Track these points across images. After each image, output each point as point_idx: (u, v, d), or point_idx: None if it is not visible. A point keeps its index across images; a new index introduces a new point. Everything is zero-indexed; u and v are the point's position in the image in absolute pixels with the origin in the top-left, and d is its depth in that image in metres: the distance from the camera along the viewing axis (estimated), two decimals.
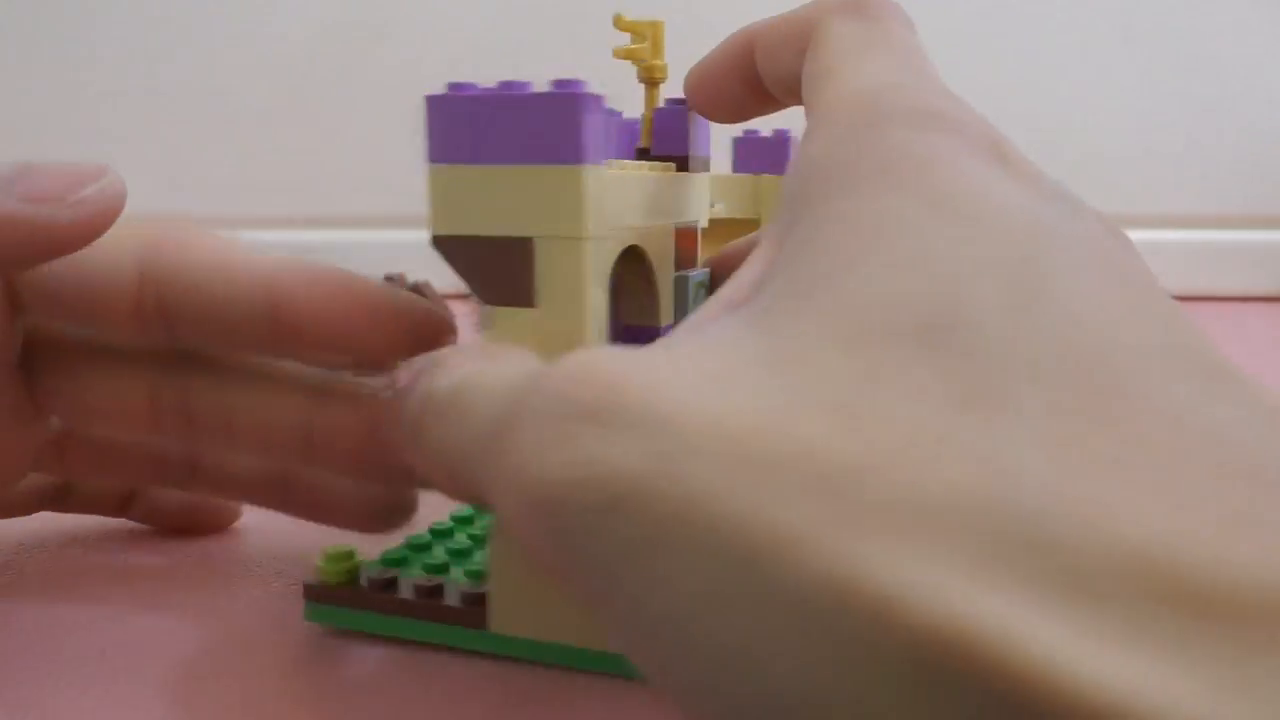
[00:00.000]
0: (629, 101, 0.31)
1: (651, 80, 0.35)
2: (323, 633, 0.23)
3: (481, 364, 0.18)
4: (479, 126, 0.20)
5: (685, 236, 0.26)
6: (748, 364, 0.13)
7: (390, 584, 0.23)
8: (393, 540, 0.25)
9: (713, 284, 0.26)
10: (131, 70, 0.93)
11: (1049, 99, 0.89)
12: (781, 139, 0.34)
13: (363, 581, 0.23)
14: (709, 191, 0.28)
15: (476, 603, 0.22)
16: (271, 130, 0.94)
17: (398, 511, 0.26)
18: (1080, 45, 0.90)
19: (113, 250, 0.23)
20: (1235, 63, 0.87)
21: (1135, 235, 0.17)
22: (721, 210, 0.32)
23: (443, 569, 0.23)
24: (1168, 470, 0.11)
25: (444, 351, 0.19)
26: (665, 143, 0.28)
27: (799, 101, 0.21)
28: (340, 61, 0.93)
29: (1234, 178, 0.81)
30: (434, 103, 0.21)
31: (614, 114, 0.33)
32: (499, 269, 0.21)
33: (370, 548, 0.24)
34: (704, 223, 0.27)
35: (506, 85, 0.20)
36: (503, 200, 0.20)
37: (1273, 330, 0.71)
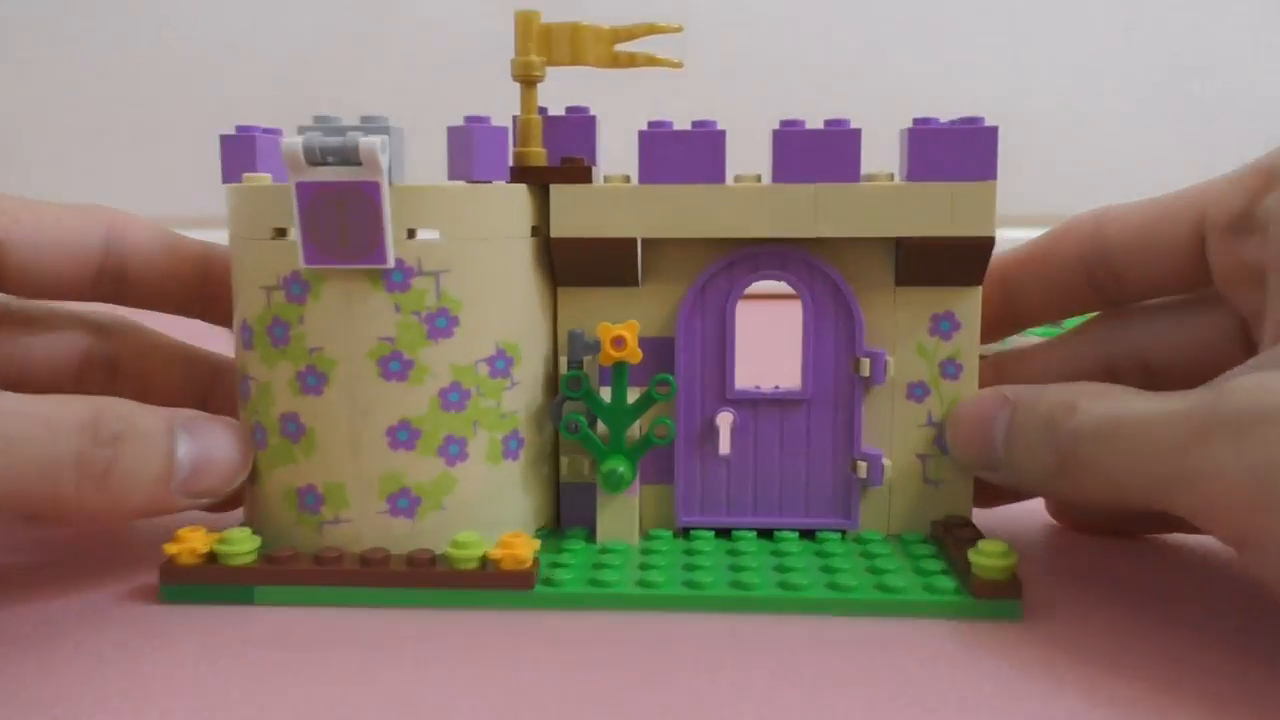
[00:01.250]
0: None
1: (529, 79, 0.30)
2: None
3: (1110, 400, 0.28)
4: None
5: None
6: None
7: None
8: None
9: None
10: (125, 71, 0.94)
11: (1049, 99, 0.84)
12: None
13: None
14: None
15: None
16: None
17: None
18: (1080, 45, 0.88)
19: (84, 227, 0.32)
20: (1235, 63, 0.88)
21: None
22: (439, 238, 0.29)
23: None
24: None
25: (1069, 394, 0.29)
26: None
27: (1172, 289, 0.32)
28: (335, 66, 0.90)
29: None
30: None
31: (482, 120, 0.28)
32: None
33: None
34: None
35: None
36: None
37: None
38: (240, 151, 0.32)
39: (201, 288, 0.35)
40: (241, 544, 0.29)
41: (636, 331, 0.31)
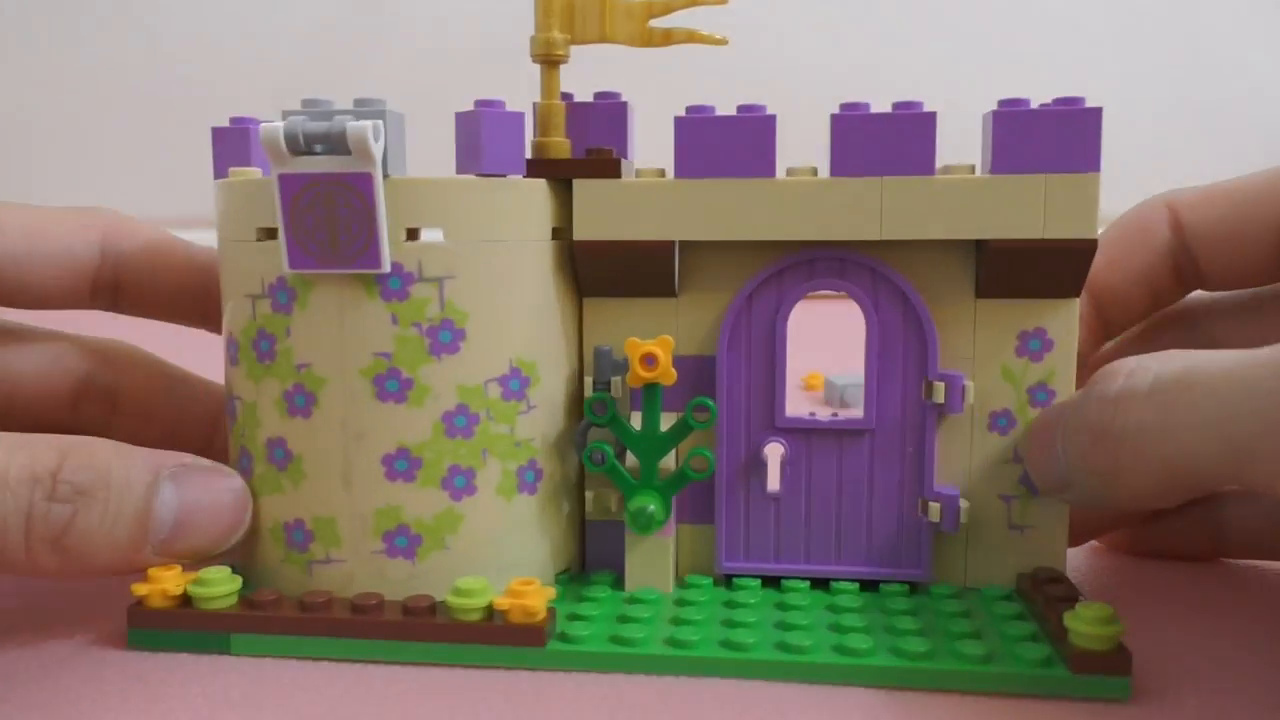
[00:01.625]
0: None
1: (551, 60, 0.26)
2: None
3: (1175, 358, 0.22)
4: None
5: None
6: None
7: None
8: None
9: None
10: (122, 71, 0.91)
11: (1048, 99, 0.90)
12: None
13: None
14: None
15: None
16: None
17: None
18: (1082, 45, 0.90)
19: (78, 235, 0.30)
20: (1235, 63, 0.90)
21: None
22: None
23: None
24: None
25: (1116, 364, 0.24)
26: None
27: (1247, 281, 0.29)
28: (334, 64, 0.86)
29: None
30: None
31: (494, 104, 0.24)
32: None
33: None
34: None
35: None
36: None
37: None
38: (233, 145, 0.29)
39: (203, 298, 0.32)
40: (219, 585, 0.26)
41: (671, 348, 0.27)
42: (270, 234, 0.26)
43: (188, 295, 0.32)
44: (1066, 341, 0.27)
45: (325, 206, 0.25)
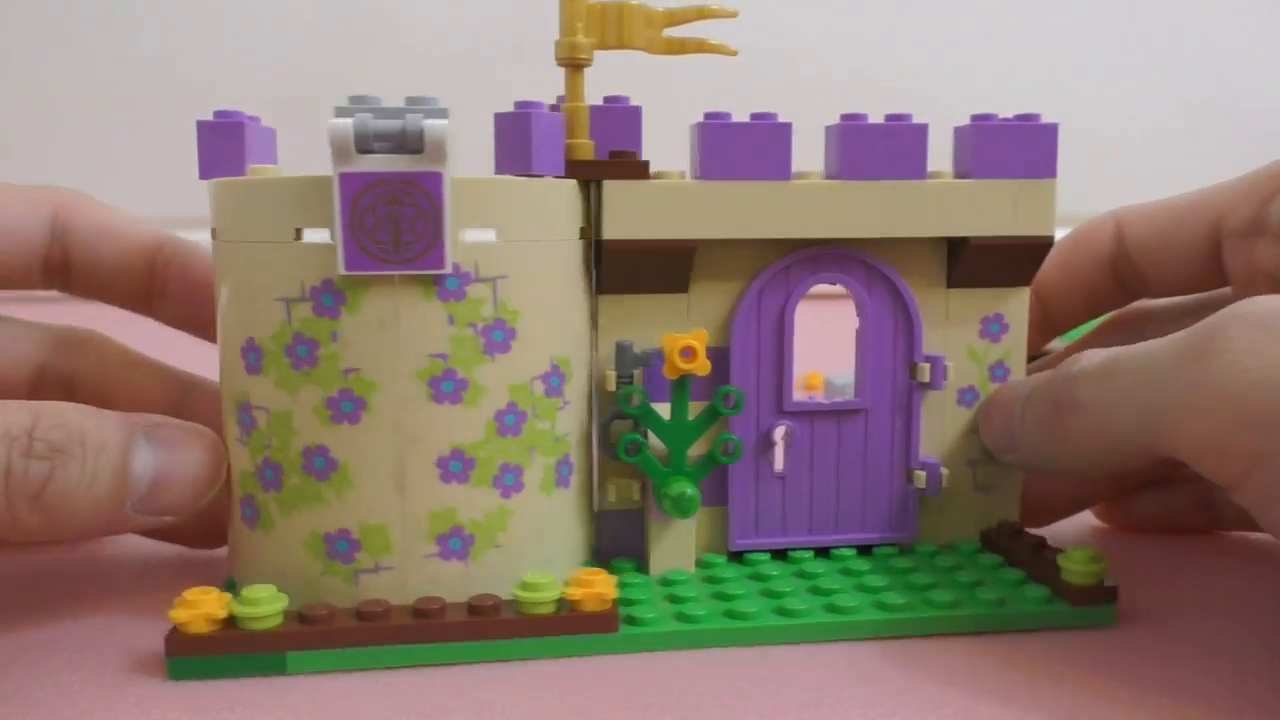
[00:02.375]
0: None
1: (575, 63, 0.26)
2: None
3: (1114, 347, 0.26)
4: None
5: None
6: None
7: None
8: None
9: None
10: (124, 69, 0.92)
11: (1049, 99, 0.87)
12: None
13: None
14: None
15: None
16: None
17: None
18: (1080, 45, 0.88)
19: (28, 212, 0.29)
20: (1235, 63, 0.90)
21: None
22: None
23: None
24: None
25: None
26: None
27: (1186, 287, 0.32)
28: (337, 62, 0.88)
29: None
30: None
31: (535, 105, 0.24)
32: None
33: None
34: None
35: None
36: None
37: None
38: (226, 140, 0.27)
39: (146, 281, 0.31)
40: (266, 603, 0.24)
41: (705, 341, 0.28)
42: (298, 234, 0.25)
43: (130, 280, 0.31)
44: (1019, 325, 0.32)
45: (388, 206, 0.24)
